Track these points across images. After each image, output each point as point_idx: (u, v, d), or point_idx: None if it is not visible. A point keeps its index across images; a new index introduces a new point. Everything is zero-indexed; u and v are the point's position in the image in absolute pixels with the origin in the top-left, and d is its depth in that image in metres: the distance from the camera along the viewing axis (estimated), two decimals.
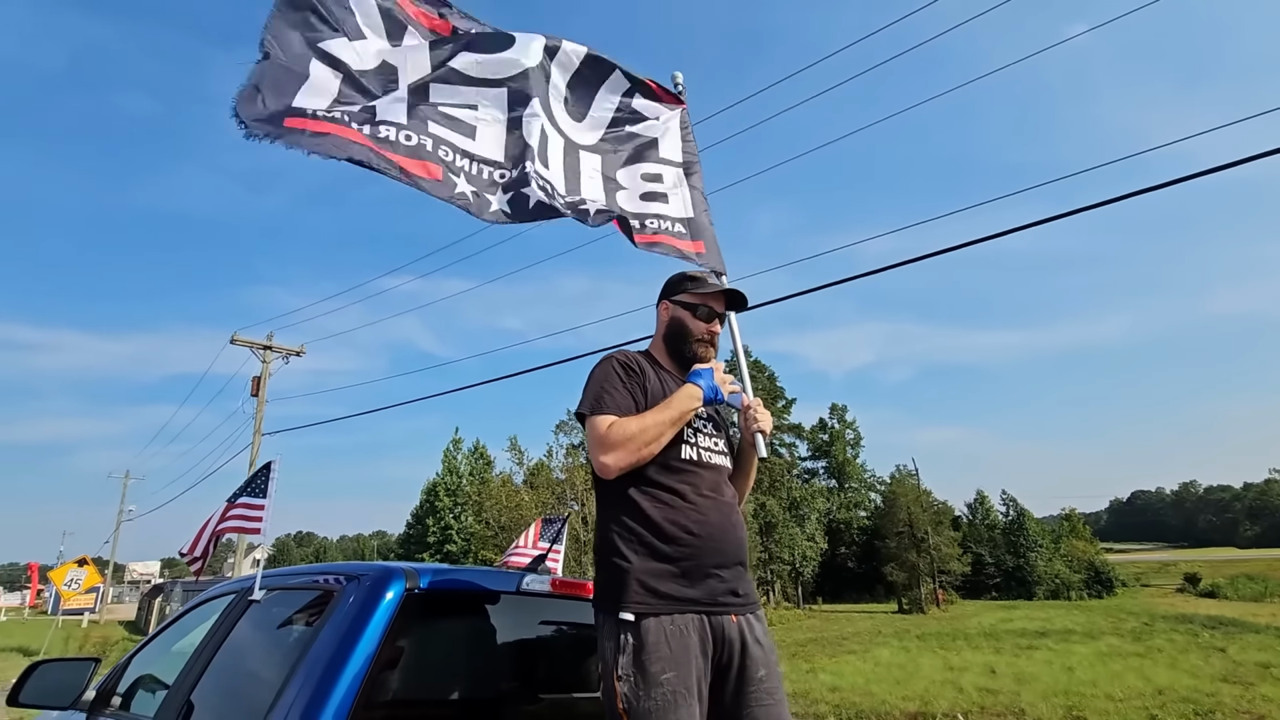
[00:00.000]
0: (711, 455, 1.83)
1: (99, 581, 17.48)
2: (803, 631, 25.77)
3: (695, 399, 1.75)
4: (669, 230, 2.42)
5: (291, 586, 1.98)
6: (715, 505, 1.73)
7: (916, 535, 41.01)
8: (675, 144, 2.72)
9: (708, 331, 1.96)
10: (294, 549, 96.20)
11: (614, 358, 1.86)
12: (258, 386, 18.70)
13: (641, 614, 1.55)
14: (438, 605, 1.74)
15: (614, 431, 1.68)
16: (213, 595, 2.42)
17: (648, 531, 1.65)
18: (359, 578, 1.72)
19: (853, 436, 58.05)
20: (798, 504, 47.41)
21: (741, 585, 1.70)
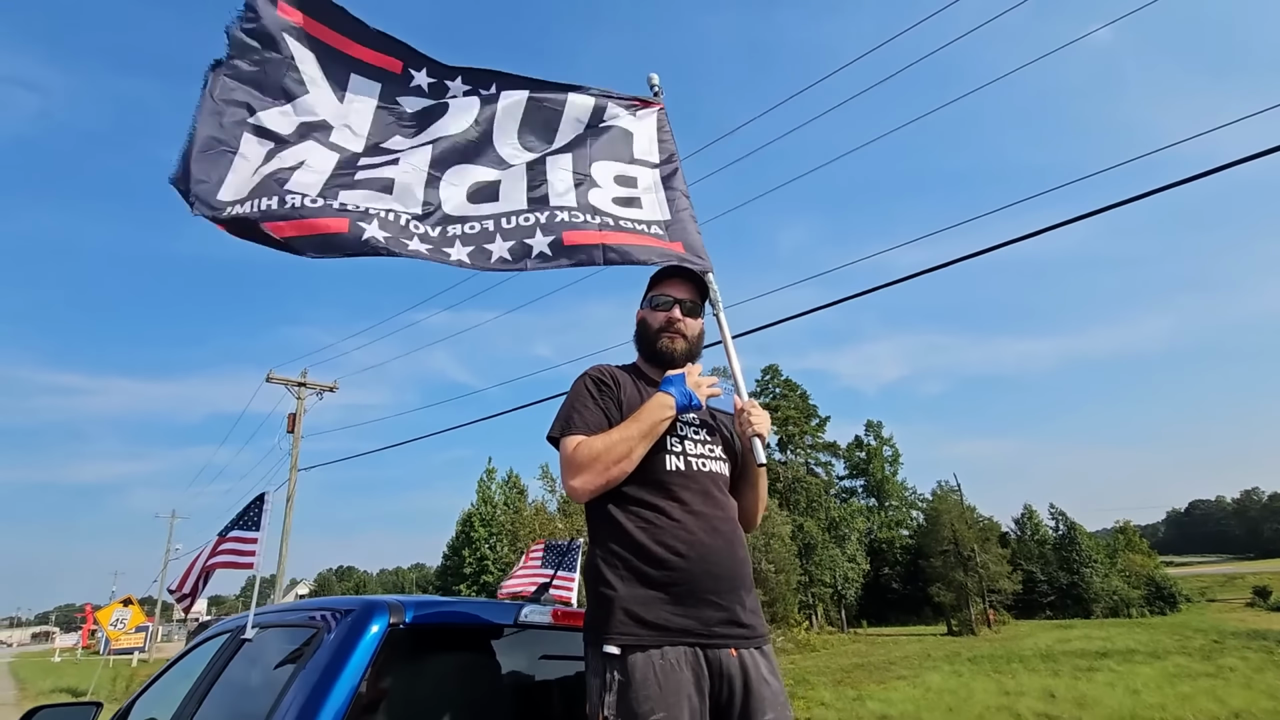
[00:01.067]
0: (705, 462, 1.67)
1: (143, 620, 17.80)
2: (848, 656, 24.88)
3: (667, 408, 1.60)
4: (645, 232, 2.29)
5: (282, 624, 1.90)
6: (707, 521, 1.57)
7: (962, 553, 39.57)
8: (651, 143, 2.60)
9: (667, 320, 1.82)
10: (335, 584, 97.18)
11: (587, 373, 1.76)
12: (293, 423, 19.05)
13: (628, 647, 1.41)
14: (426, 640, 1.64)
15: (580, 452, 1.57)
16: (212, 634, 2.35)
17: (633, 555, 1.51)
18: (343, 613, 1.63)
19: (890, 453, 56.73)
20: (837, 524, 46.31)
21: (742, 613, 1.52)
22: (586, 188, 2.37)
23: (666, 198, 2.44)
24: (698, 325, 1.88)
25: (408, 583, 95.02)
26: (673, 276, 1.90)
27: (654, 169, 2.53)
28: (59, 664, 35.74)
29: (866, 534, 51.22)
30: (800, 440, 51.18)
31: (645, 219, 2.35)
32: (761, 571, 33.55)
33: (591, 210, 2.29)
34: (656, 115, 2.65)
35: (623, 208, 2.37)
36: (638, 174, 2.50)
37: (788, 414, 50.23)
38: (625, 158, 2.52)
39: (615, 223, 2.27)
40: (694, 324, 1.86)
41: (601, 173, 2.44)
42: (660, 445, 1.61)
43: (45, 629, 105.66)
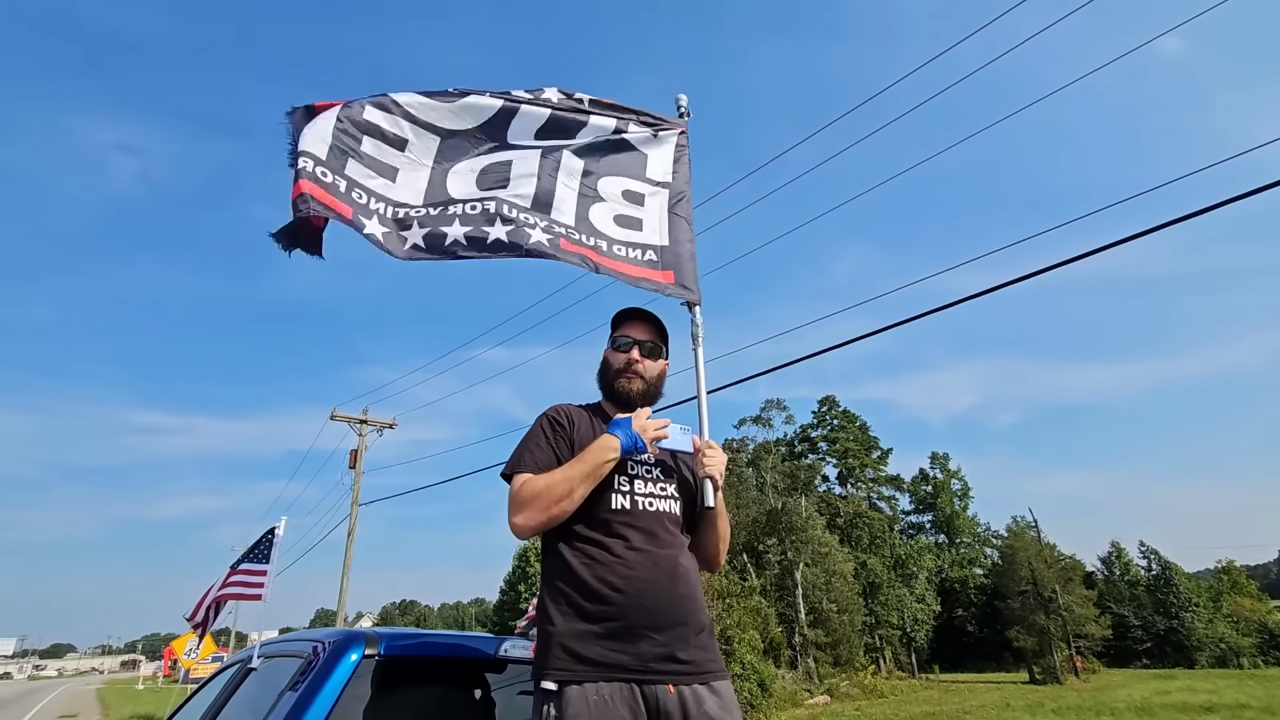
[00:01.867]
0: (653, 501, 1.67)
1: (215, 650, 18.55)
2: (919, 704, 23.45)
3: (611, 450, 1.61)
4: (639, 260, 2.29)
5: (282, 654, 1.97)
6: (649, 558, 1.56)
7: (1043, 594, 37.01)
8: (666, 164, 2.58)
9: (626, 361, 1.84)
10: (397, 617, 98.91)
11: (545, 413, 1.79)
12: (355, 459, 19.77)
13: (564, 682, 1.41)
14: (401, 672, 1.66)
15: (524, 490, 1.59)
16: (231, 663, 2.45)
17: (574, 590, 1.52)
18: (328, 645, 1.67)
19: (959, 487, 54.10)
20: (903, 562, 44.23)
21: (682, 650, 1.49)
22: (590, 201, 2.38)
23: (669, 223, 2.43)
24: (657, 367, 1.89)
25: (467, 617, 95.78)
26: (635, 318, 1.92)
27: (663, 190, 2.51)
28: (141, 691, 37.52)
29: (936, 573, 48.65)
30: (861, 474, 49.50)
31: (642, 242, 2.35)
32: (823, 611, 32.23)
33: (590, 230, 2.30)
34: (677, 137, 2.64)
35: (622, 228, 2.37)
36: (646, 192, 2.49)
37: (847, 446, 48.77)
38: (637, 175, 2.51)
39: (609, 247, 2.28)
40: (653, 365, 1.87)
41: (609, 187, 2.44)
42: (608, 484, 1.63)
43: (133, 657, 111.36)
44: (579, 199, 2.36)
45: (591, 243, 2.27)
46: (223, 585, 3.22)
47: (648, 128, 2.60)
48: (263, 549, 3.08)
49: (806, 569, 32.93)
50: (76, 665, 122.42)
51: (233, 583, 3.11)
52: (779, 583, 32.82)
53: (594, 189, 2.42)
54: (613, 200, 2.42)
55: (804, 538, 33.45)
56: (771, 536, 33.93)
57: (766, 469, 38.16)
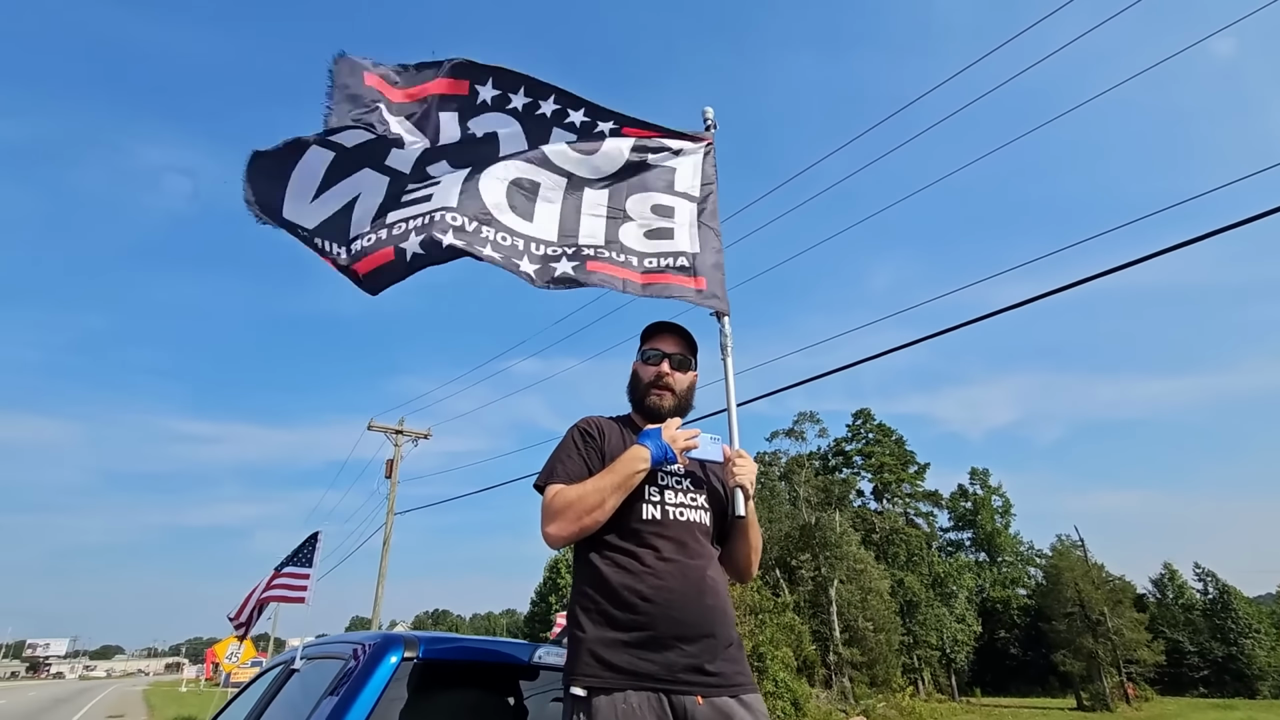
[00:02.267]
0: (683, 511, 1.68)
1: (254, 655, 18.96)
2: None
3: (641, 460, 1.62)
4: (671, 266, 2.32)
5: (324, 656, 2.02)
6: (679, 569, 1.57)
7: (1090, 617, 35.56)
8: (694, 177, 2.61)
9: (656, 374, 1.85)
10: (429, 626, 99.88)
11: (576, 424, 1.81)
12: (391, 469, 20.13)
13: (593, 689, 1.43)
14: (439, 675, 1.70)
15: (556, 500, 1.62)
16: (274, 664, 2.52)
17: (604, 599, 1.54)
18: (368, 647, 1.72)
19: (1000, 503, 52.51)
20: (942, 580, 43.02)
21: (711, 661, 1.49)
22: (619, 222, 2.44)
23: (699, 232, 2.46)
24: (687, 379, 1.90)
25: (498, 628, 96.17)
26: (665, 331, 1.94)
27: (692, 202, 2.55)
28: (184, 693, 38.53)
29: (977, 592, 47.21)
30: (897, 489, 48.43)
31: (674, 250, 2.39)
32: (859, 629, 31.47)
33: (619, 247, 2.36)
34: (703, 149, 2.67)
35: (653, 240, 2.42)
36: (675, 204, 2.52)
37: (882, 460, 47.80)
38: (665, 189, 2.56)
39: (640, 261, 2.33)
40: (683, 378, 1.88)
41: (637, 206, 2.49)
42: (639, 494, 1.64)
43: (176, 660, 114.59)
44: (608, 222, 2.42)
45: (622, 259, 2.32)
46: (266, 587, 3.31)
47: (674, 143, 2.65)
48: (306, 553, 3.16)
49: (841, 586, 32.26)
50: (124, 667, 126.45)
51: (276, 585, 3.20)
52: (813, 599, 32.22)
53: (622, 210, 2.48)
54: (641, 218, 2.47)
55: (838, 553, 32.80)
56: (805, 552, 33.37)
57: (799, 483, 37.61)
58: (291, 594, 3.15)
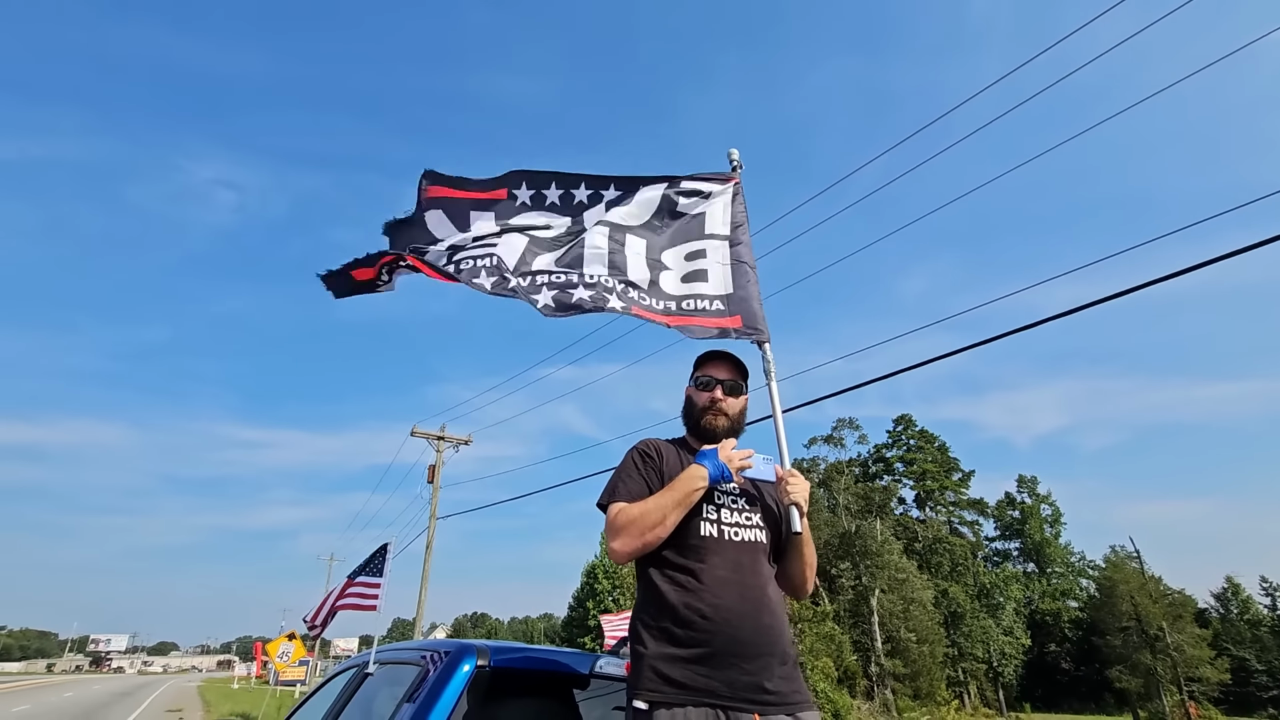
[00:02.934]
0: (739, 530, 1.74)
1: (304, 654, 19.58)
2: None
3: (700, 479, 1.70)
4: (705, 310, 2.51)
5: (396, 661, 2.15)
6: (737, 587, 1.63)
7: (1148, 632, 34.15)
8: (724, 217, 2.77)
9: (710, 399, 1.94)
10: (469, 630, 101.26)
11: (636, 446, 1.91)
12: (433, 474, 20.58)
13: (655, 704, 1.50)
14: (507, 682, 1.80)
15: (620, 518, 1.70)
16: (346, 667, 2.67)
17: (664, 616, 1.61)
18: (443, 654, 1.84)
19: (1050, 513, 50.86)
20: (988, 591, 41.86)
21: (769, 680, 1.55)
22: (658, 272, 2.64)
23: (733, 270, 2.63)
24: (739, 403, 1.98)
25: (536, 632, 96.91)
26: (716, 359, 2.03)
27: (723, 241, 2.71)
28: (236, 690, 39.88)
29: (1025, 604, 45.74)
30: (940, 496, 47.31)
31: (710, 293, 2.57)
32: (901, 640, 30.85)
33: (660, 295, 2.57)
34: (731, 189, 2.84)
35: (689, 284, 2.61)
36: (707, 247, 2.70)
37: (925, 467, 46.80)
38: (697, 236, 2.74)
39: (679, 305, 2.53)
40: (735, 402, 1.97)
41: (672, 257, 2.70)
42: (696, 513, 1.71)
43: (228, 657, 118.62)
44: (648, 268, 2.65)
45: (661, 306, 2.53)
46: (341, 595, 3.51)
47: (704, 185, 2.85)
48: (377, 563, 3.34)
49: (882, 595, 31.68)
50: (179, 663, 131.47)
51: (351, 594, 3.39)
52: (853, 609, 31.71)
53: (659, 261, 2.69)
54: (678, 267, 2.68)
55: (879, 562, 32.23)
56: (845, 560, 32.88)
57: (839, 490, 37.10)
58: (364, 602, 3.33)
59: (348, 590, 3.40)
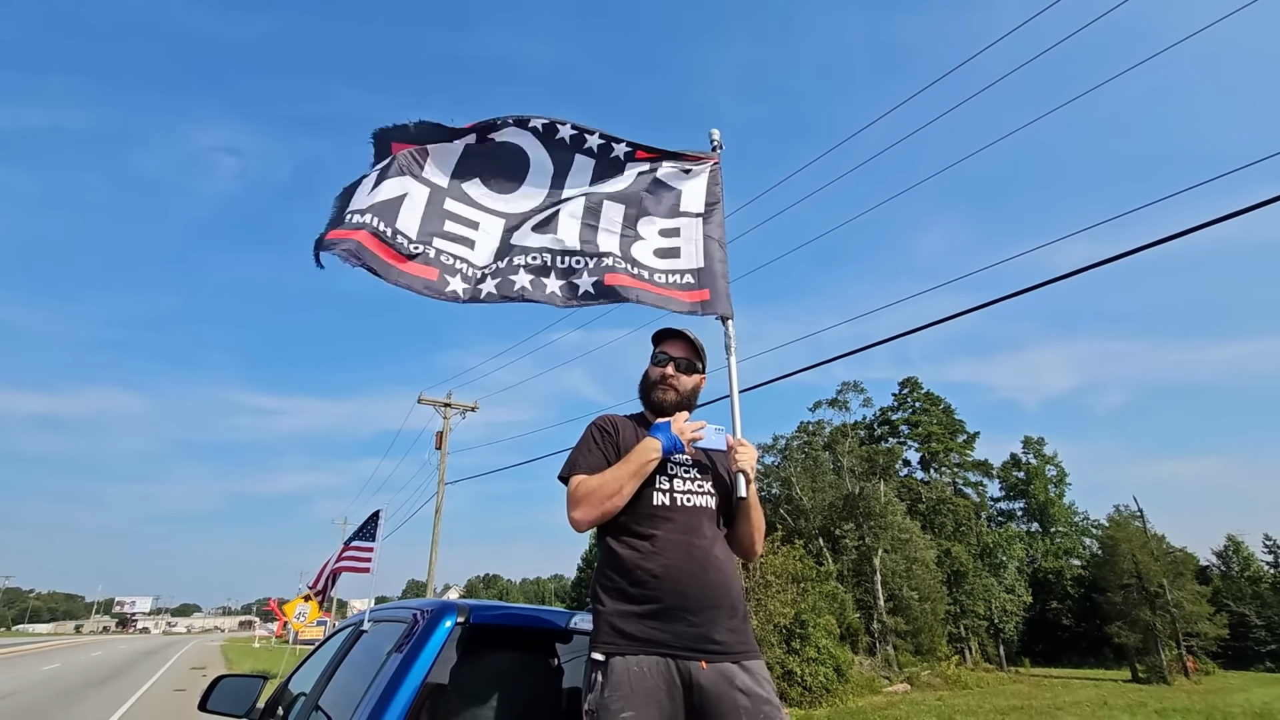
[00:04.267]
0: (690, 498, 1.85)
1: (319, 615, 20.23)
2: (1005, 698, 22.62)
3: (653, 450, 1.80)
4: (676, 283, 2.56)
5: (389, 619, 2.27)
6: (684, 547, 1.75)
7: (1148, 589, 34.59)
8: (699, 194, 2.81)
9: (661, 375, 2.03)
10: (481, 590, 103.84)
11: (594, 421, 2.01)
12: (440, 440, 20.88)
13: (610, 654, 1.63)
14: (486, 638, 1.92)
15: (579, 489, 1.82)
16: (345, 625, 2.81)
17: (620, 577, 1.73)
18: (427, 612, 1.94)
19: (1055, 473, 51.15)
20: (991, 550, 42.37)
21: (714, 630, 1.66)
22: (631, 240, 2.68)
23: (704, 246, 2.68)
24: (691, 381, 2.08)
25: (547, 593, 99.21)
26: (672, 336, 2.12)
27: (696, 218, 2.76)
28: (257, 649, 41.34)
29: (1028, 563, 46.37)
30: (945, 458, 47.60)
31: (681, 268, 2.62)
32: (904, 598, 31.42)
33: (632, 261, 2.60)
34: (710, 170, 2.87)
35: (661, 259, 2.65)
36: (681, 225, 2.75)
37: (930, 430, 46.98)
38: (671, 212, 2.78)
39: (650, 275, 2.57)
40: (687, 379, 2.06)
41: (647, 229, 2.73)
42: (650, 483, 1.83)
43: (249, 618, 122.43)
44: (620, 239, 2.66)
45: (635, 271, 2.56)
46: (338, 559, 3.68)
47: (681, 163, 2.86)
48: (369, 528, 3.49)
49: (886, 555, 32.16)
50: (202, 624, 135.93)
51: (346, 558, 3.56)
52: (856, 568, 32.25)
53: (634, 232, 2.71)
54: (651, 239, 2.71)
55: (883, 523, 32.62)
56: (849, 521, 33.30)
57: (843, 452, 37.37)
58: (358, 565, 3.50)
59: (344, 555, 3.57)
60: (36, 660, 26.69)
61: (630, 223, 2.71)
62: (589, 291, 2.43)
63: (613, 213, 2.69)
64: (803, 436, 41.28)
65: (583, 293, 2.43)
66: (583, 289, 2.44)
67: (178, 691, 15.69)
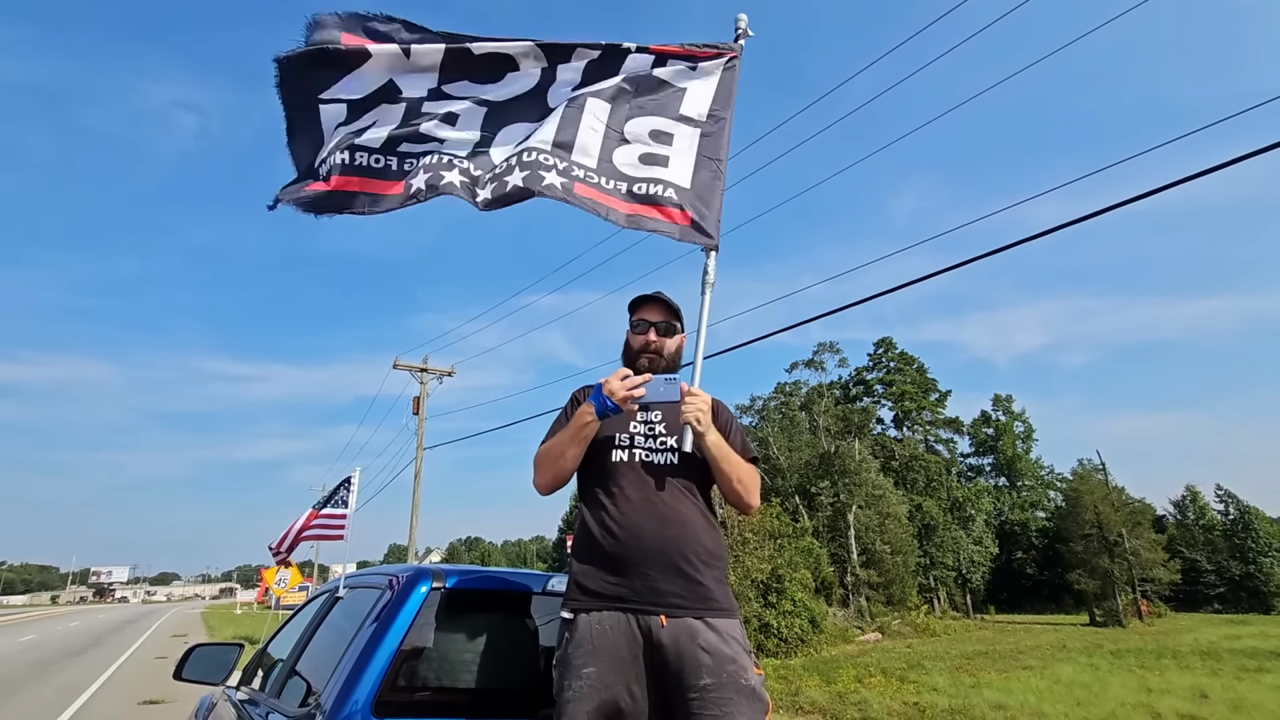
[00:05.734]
0: (649, 454, 1.84)
1: (301, 580, 20.34)
2: (971, 644, 23.65)
3: (586, 415, 1.80)
4: (658, 196, 2.28)
5: (364, 585, 2.24)
6: (644, 504, 1.75)
7: (1108, 538, 36.17)
8: (704, 99, 2.46)
9: (644, 343, 2.00)
10: (463, 553, 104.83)
11: (572, 393, 2.04)
12: (417, 406, 20.73)
13: (576, 610, 1.67)
14: (463, 602, 1.89)
15: (537, 455, 1.89)
16: (321, 592, 2.77)
17: (585, 537, 1.77)
18: (401, 578, 1.91)
19: (1023, 429, 52.72)
20: (960, 504, 43.80)
21: (670, 584, 1.65)
22: (614, 144, 2.36)
23: (696, 163, 2.38)
24: (674, 343, 2.04)
25: (528, 554, 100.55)
26: (649, 302, 2.06)
27: (696, 129, 2.43)
28: (239, 615, 41.44)
29: (995, 516, 48.03)
30: (918, 416, 48.67)
31: (664, 179, 2.32)
32: (876, 552, 32.46)
33: (610, 172, 2.30)
34: (723, 68, 2.50)
35: (645, 166, 2.34)
36: (676, 130, 2.42)
37: (903, 389, 47.88)
38: (669, 113, 2.44)
39: (629, 188, 2.29)
40: (670, 342, 2.03)
41: (636, 128, 2.41)
42: (611, 443, 1.84)
43: (229, 585, 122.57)
44: (603, 141, 2.34)
45: (610, 185, 2.27)
46: (305, 526, 3.61)
47: (688, 61, 2.48)
48: (342, 495, 3.41)
49: (859, 511, 33.05)
50: (182, 592, 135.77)
51: (315, 525, 3.48)
52: (831, 524, 33.12)
53: (620, 131, 2.38)
54: (638, 141, 2.38)
55: (857, 480, 33.44)
56: (824, 479, 34.05)
57: (819, 412, 37.97)
58: (331, 532, 3.43)
59: (313, 522, 3.50)
60: (13, 632, 26.44)
61: (618, 120, 2.39)
62: (555, 187, 2.16)
63: (597, 108, 2.36)
64: (780, 397, 41.83)
65: (548, 184, 2.16)
66: (549, 181, 2.17)
67: (159, 659, 15.68)
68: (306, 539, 3.68)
